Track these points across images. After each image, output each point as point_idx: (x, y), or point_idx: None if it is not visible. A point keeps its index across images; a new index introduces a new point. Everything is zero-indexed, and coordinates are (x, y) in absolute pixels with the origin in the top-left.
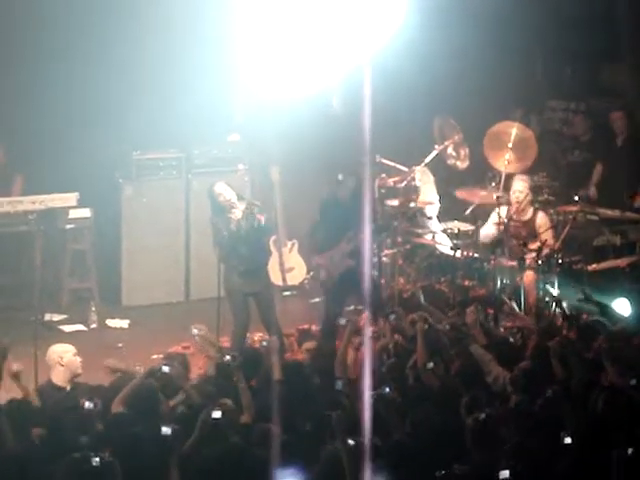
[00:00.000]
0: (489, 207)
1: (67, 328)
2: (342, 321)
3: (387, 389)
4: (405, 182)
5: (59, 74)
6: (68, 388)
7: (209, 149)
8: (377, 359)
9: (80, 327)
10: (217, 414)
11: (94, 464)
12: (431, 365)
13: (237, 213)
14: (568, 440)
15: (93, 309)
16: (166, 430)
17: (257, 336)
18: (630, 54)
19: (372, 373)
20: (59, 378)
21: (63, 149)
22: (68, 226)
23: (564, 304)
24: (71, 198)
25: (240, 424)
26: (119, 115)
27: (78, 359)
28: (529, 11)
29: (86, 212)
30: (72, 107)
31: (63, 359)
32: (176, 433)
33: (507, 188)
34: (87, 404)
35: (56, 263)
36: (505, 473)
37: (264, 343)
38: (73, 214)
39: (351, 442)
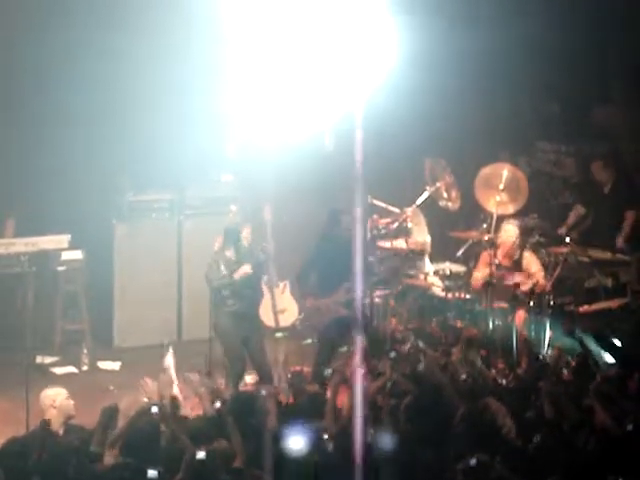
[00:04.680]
0: (480, 249)
1: (59, 370)
2: (327, 371)
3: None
4: (397, 223)
5: (50, 117)
6: (61, 432)
7: (202, 190)
8: (372, 401)
9: (72, 369)
10: (201, 455)
11: None
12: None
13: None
14: None
15: (85, 351)
16: (152, 473)
17: (249, 378)
18: (621, 95)
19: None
20: (52, 422)
21: (56, 191)
22: (60, 268)
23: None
24: (63, 240)
25: (232, 468)
26: (111, 157)
27: (71, 402)
28: (519, 51)
29: (78, 254)
30: (64, 149)
31: (56, 402)
32: (162, 476)
33: (499, 230)
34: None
35: (48, 304)
36: None
37: (262, 392)
38: (65, 256)
39: None
